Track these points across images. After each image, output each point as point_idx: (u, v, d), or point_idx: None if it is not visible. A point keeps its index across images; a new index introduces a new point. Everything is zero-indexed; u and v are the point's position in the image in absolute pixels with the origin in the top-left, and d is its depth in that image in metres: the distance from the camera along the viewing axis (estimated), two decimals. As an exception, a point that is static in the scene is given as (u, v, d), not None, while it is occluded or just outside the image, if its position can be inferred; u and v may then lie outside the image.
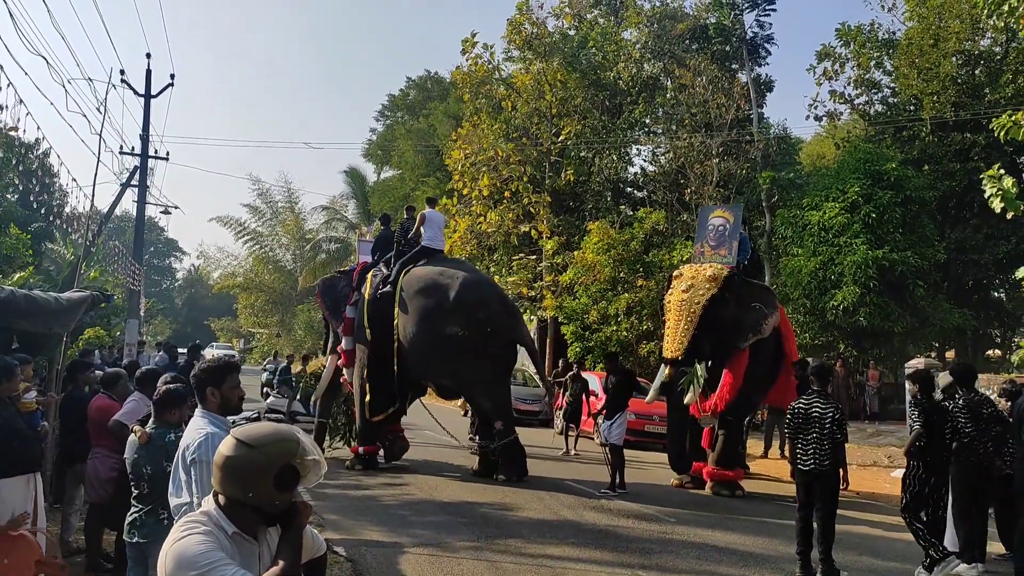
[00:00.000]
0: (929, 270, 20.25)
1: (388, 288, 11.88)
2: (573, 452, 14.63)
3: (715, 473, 11.07)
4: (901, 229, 20.17)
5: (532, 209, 24.73)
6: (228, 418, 3.63)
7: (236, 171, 75.33)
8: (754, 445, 15.88)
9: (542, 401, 19.93)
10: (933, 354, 21.96)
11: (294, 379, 16.69)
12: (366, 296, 12.19)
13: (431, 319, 11.24)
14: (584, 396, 14.85)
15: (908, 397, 11.80)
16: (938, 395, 8.04)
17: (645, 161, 28.39)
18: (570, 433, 14.92)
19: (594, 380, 15.60)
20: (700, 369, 10.66)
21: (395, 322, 11.64)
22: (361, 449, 11.94)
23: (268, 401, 16.74)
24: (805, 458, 7.13)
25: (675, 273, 11.68)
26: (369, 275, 12.51)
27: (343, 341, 12.48)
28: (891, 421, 19.68)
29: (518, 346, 12.02)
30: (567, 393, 15.04)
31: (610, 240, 21.58)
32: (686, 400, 10.78)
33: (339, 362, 12.64)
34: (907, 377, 10.33)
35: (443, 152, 29.73)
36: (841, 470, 6.99)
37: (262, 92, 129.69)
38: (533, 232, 24.73)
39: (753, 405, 12.21)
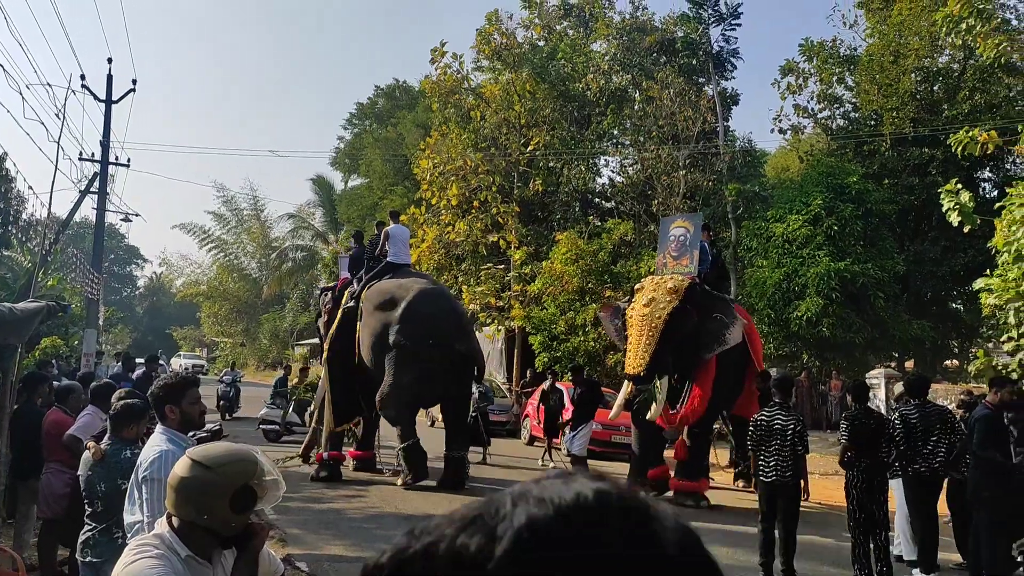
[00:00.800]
0: (889, 282, 20.60)
1: (352, 303, 12.48)
2: (551, 464, 14.62)
3: (680, 484, 11.10)
4: (862, 242, 20.52)
5: (500, 219, 24.73)
6: (189, 433, 3.56)
7: (200, 178, 74.65)
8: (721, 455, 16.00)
9: (509, 411, 19.99)
10: (893, 364, 22.36)
11: (289, 391, 16.67)
12: (339, 311, 12.78)
13: (383, 330, 11.68)
14: (561, 408, 14.90)
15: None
16: (878, 404, 8.16)
17: (613, 172, 28.63)
18: (544, 443, 15.01)
19: (563, 391, 15.59)
20: (659, 384, 10.66)
21: (356, 335, 12.18)
22: (326, 455, 12.03)
23: (262, 412, 16.67)
24: (767, 469, 7.21)
25: (636, 286, 11.68)
26: (347, 292, 13.07)
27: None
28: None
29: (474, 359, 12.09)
30: (545, 405, 15.01)
31: (578, 251, 21.66)
32: (647, 416, 10.80)
33: None
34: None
35: (411, 161, 29.65)
36: (803, 481, 7.07)
37: (227, 99, 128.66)
38: (501, 242, 24.72)
39: (718, 416, 12.26)
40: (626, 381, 11.15)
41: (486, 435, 14.41)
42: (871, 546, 7.12)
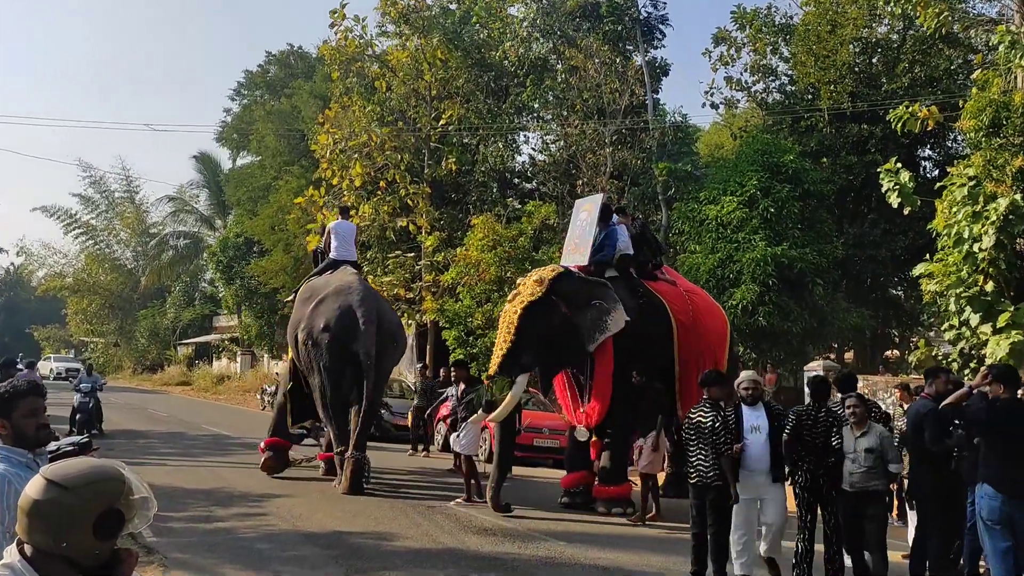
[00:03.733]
0: (828, 268, 21.27)
1: (292, 299, 13.96)
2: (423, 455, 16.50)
3: (601, 491, 11.25)
4: (800, 225, 21.12)
5: (410, 201, 24.58)
6: (50, 448, 3.42)
7: (64, 156, 71.72)
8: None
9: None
10: (832, 356, 23.13)
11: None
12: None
13: (295, 328, 12.73)
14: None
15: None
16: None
17: (534, 150, 28.94)
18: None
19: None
20: (519, 382, 10.84)
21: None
22: (264, 443, 13.43)
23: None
24: (692, 471, 7.44)
25: (518, 280, 11.89)
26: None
27: None
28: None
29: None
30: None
31: (496, 236, 21.69)
32: (491, 418, 10.97)
33: None
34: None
35: (309, 137, 29.17)
36: (731, 482, 7.27)
37: (96, 66, 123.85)
38: (411, 227, 24.59)
39: (645, 416, 11.97)
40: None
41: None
42: (814, 552, 7.42)
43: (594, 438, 11.45)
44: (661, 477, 12.27)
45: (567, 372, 11.72)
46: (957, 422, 7.44)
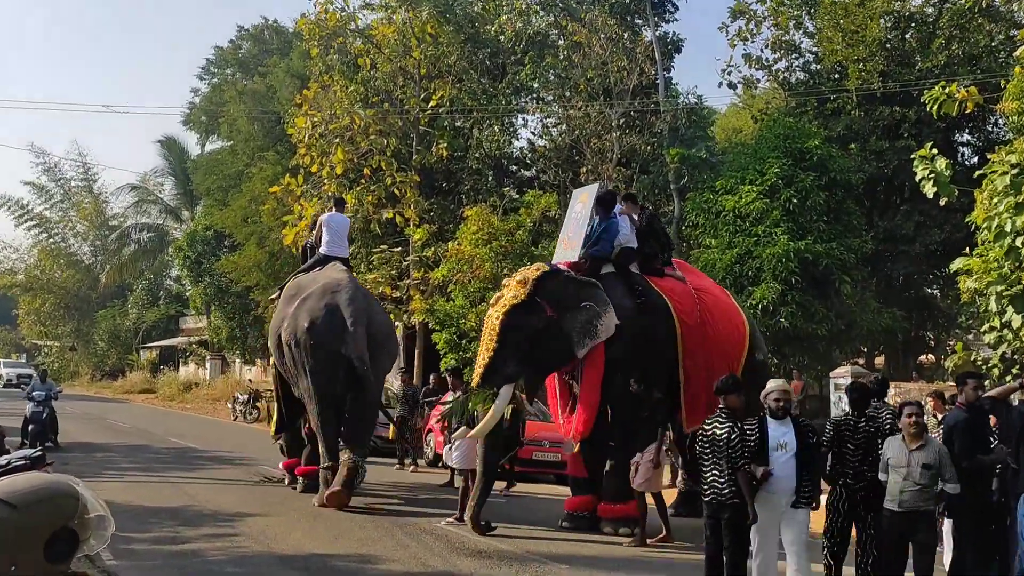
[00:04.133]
0: (856, 264, 21.29)
1: (276, 296, 14.25)
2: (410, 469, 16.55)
3: (607, 509, 11.19)
4: (825, 217, 21.14)
5: (396, 191, 24.57)
6: (3, 457, 3.42)
7: (14, 140, 71.66)
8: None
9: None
10: (861, 361, 23.17)
11: None
12: None
13: (279, 328, 12.88)
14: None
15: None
16: (844, 409, 8.48)
17: (533, 134, 28.77)
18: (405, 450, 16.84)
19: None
20: (502, 393, 10.67)
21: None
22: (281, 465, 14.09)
23: None
24: (706, 488, 7.43)
25: (504, 281, 11.83)
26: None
27: None
28: (816, 439, 20.63)
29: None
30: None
31: (491, 229, 21.69)
32: (472, 434, 10.88)
33: None
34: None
35: (285, 120, 29.16)
36: (748, 501, 7.26)
37: (49, 40, 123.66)
38: (398, 219, 24.57)
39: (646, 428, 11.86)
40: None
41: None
42: None
43: (575, 450, 11.50)
44: (670, 495, 12.28)
45: (560, 376, 11.70)
46: (995, 432, 7.47)
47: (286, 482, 13.85)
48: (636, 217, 12.16)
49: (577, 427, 11.17)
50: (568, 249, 11.86)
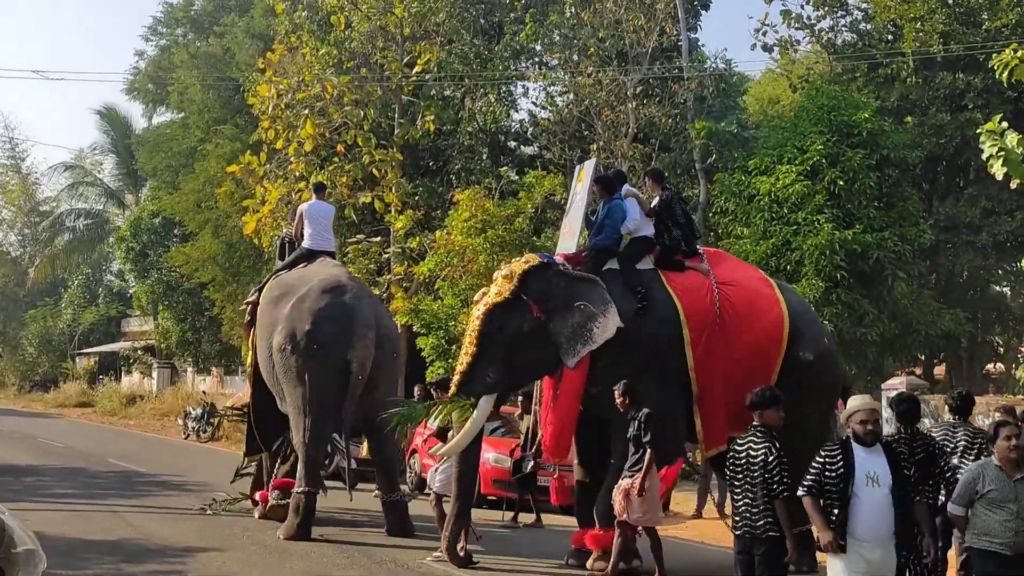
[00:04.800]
0: (912, 257, 21.23)
1: (255, 297, 14.20)
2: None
3: (601, 536, 11.00)
4: (876, 202, 21.10)
5: (375, 171, 24.54)
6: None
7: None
8: (685, 500, 16.30)
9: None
10: (918, 370, 23.15)
11: None
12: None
13: (268, 333, 13.05)
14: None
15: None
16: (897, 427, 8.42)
17: (535, 104, 28.74)
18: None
19: None
20: (480, 404, 10.67)
21: (251, 339, 13.88)
22: (257, 496, 13.83)
23: None
24: (737, 518, 7.39)
25: (494, 275, 11.79)
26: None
27: None
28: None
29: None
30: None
31: (486, 216, 21.65)
32: (444, 450, 11.02)
33: None
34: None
35: (246, 88, 29.12)
36: (787, 535, 7.21)
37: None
38: (377, 204, 24.54)
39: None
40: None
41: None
42: None
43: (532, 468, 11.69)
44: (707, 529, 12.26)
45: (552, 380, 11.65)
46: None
47: (256, 515, 13.73)
48: (641, 199, 11.92)
49: (545, 441, 11.26)
50: (568, 238, 11.81)
